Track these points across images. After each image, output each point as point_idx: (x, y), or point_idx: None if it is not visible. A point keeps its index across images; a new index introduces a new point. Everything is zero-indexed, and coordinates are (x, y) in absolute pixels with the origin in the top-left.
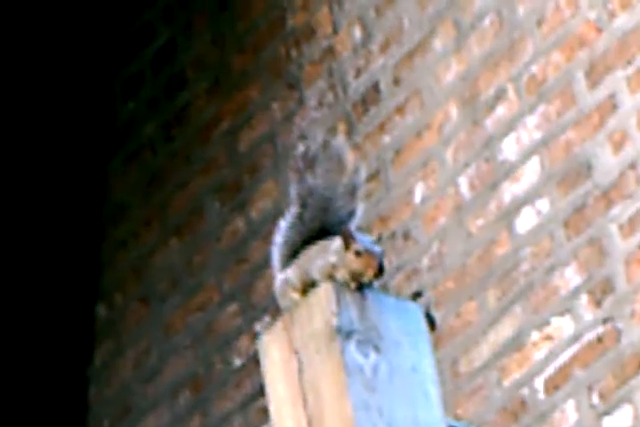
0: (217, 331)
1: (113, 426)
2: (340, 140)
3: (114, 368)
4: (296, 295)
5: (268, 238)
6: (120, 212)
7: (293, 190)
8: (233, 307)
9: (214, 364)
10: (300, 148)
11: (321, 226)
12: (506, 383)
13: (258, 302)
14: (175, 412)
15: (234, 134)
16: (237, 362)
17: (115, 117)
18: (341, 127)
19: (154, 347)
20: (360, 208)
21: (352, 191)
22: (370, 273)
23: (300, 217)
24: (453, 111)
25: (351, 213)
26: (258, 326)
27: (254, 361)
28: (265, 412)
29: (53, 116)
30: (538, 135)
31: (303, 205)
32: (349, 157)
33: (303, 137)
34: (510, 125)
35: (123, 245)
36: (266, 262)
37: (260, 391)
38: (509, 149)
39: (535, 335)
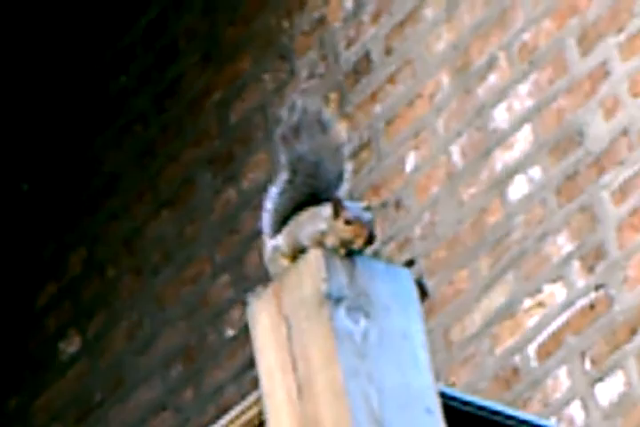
0: (209, 302)
1: (106, 398)
2: (330, 109)
3: (106, 341)
4: (286, 262)
5: (259, 210)
6: (112, 184)
7: (283, 157)
8: (225, 278)
9: (207, 335)
10: (286, 116)
11: (311, 191)
12: (498, 351)
13: (250, 273)
14: (168, 383)
15: (225, 106)
16: (230, 333)
17: (106, 90)
18: (333, 97)
19: (146, 319)
20: (348, 171)
21: (338, 154)
22: (359, 242)
23: (290, 182)
24: (445, 80)
25: (340, 177)
26: (248, 295)
27: (247, 332)
28: (258, 382)
29: (45, 90)
30: (530, 103)
31: (293, 171)
32: (341, 127)
33: (290, 107)
34: (502, 94)
35: (115, 218)
36: (258, 234)
37: (253, 362)
38: (501, 117)
39: (527, 303)
